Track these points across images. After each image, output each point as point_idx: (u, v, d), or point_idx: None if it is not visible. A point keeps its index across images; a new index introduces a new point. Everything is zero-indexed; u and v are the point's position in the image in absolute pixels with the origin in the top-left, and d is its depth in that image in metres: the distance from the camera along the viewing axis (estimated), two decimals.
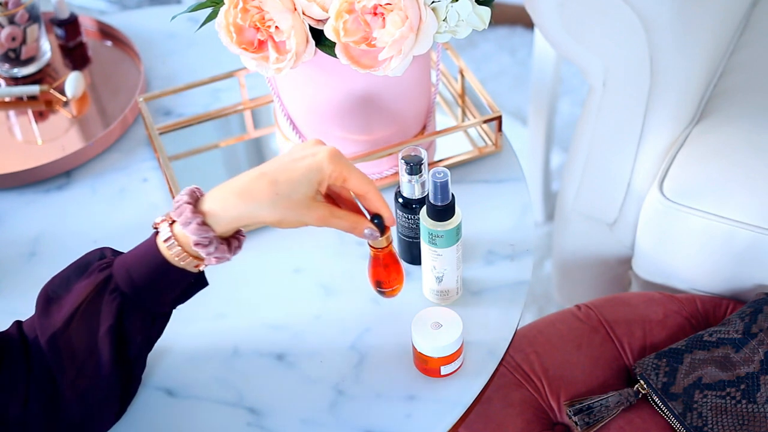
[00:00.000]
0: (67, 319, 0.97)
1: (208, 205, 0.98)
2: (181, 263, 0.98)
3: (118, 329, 0.98)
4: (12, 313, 1.17)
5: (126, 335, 0.99)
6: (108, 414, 1.02)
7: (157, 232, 1.00)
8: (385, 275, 1.10)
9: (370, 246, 1.07)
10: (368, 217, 1.04)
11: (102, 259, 1.01)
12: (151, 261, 0.98)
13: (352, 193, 1.03)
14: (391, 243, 1.07)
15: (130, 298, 0.98)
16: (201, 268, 1.00)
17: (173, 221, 0.99)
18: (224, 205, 0.98)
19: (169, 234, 0.98)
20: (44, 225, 1.29)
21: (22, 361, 0.98)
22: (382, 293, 1.13)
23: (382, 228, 1.04)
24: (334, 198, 1.04)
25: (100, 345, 0.98)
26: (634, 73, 1.40)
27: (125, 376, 1.01)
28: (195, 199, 0.99)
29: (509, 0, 2.37)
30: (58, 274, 1.02)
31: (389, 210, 1.03)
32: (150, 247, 0.99)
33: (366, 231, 1.02)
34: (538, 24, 1.43)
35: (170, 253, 0.98)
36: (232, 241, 1.00)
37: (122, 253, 1.02)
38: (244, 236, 1.03)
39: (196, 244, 0.97)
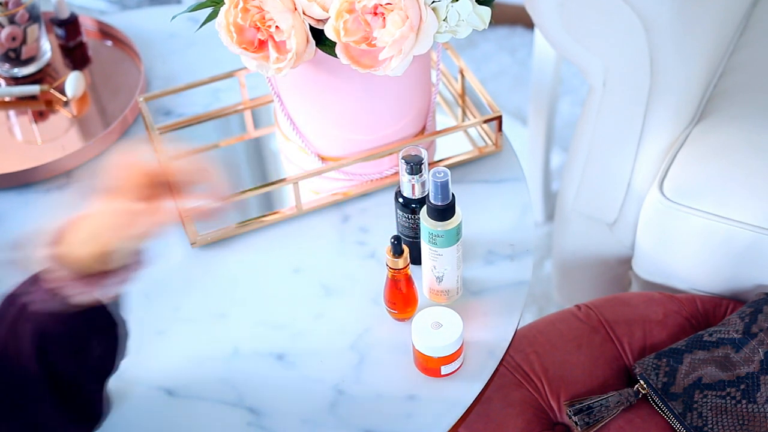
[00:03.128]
0: None
1: None
2: None
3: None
4: None
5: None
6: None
7: None
8: (400, 298, 1.11)
9: (388, 267, 1.09)
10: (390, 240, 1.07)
11: None
12: None
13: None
14: (408, 266, 1.09)
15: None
16: None
17: None
18: None
19: None
20: (44, 225, 1.29)
21: None
22: (392, 314, 1.14)
23: (400, 249, 1.06)
24: None
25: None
26: (634, 73, 1.40)
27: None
28: None
29: (509, 0, 2.37)
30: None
31: None
32: None
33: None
34: (538, 24, 1.43)
35: None
36: None
37: None
38: None
39: None
